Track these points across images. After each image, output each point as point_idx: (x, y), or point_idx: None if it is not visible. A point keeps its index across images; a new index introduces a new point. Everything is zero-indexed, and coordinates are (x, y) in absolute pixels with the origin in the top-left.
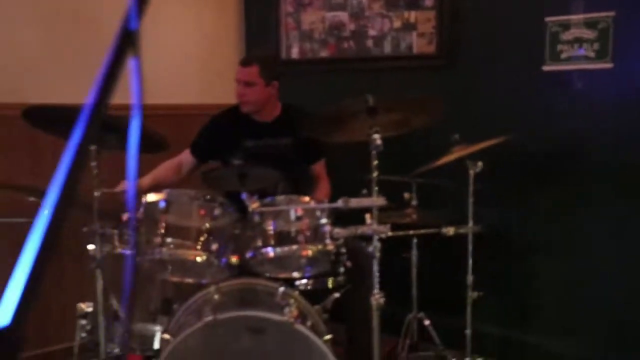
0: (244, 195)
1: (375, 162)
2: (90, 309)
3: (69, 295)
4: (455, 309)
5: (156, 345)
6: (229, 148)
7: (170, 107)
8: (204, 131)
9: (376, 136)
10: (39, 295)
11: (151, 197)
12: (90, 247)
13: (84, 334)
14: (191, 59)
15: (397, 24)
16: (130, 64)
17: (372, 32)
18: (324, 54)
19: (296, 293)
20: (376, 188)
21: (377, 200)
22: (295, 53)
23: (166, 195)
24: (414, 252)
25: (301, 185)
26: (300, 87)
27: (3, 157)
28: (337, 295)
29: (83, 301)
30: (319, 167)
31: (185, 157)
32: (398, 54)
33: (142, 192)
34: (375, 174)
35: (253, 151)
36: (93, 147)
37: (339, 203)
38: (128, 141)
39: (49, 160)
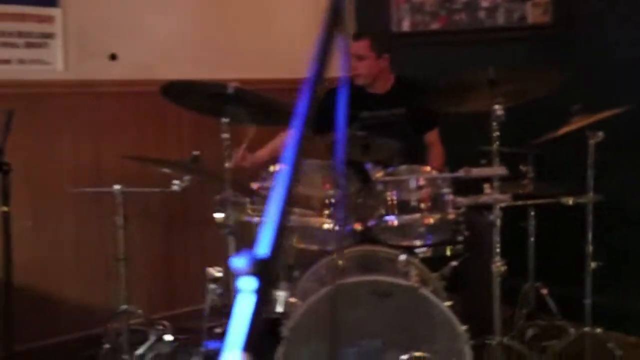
0: (368, 166)
1: (496, 133)
2: (219, 274)
3: (196, 260)
4: (573, 279)
5: (279, 308)
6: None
7: (281, 82)
8: (318, 104)
9: (497, 107)
10: (285, 234)
11: (279, 167)
12: (217, 215)
13: (214, 297)
14: (301, 36)
15: None
16: (337, 41)
17: (484, 3)
18: (435, 26)
19: (416, 260)
20: (497, 158)
21: (498, 170)
22: (406, 26)
23: None
24: (532, 222)
25: (415, 154)
26: (411, 60)
27: (134, 131)
28: (455, 263)
29: (210, 266)
30: (433, 136)
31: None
32: (511, 25)
33: (262, 162)
34: (495, 144)
35: (368, 122)
36: (225, 120)
37: (461, 172)
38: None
39: (173, 134)
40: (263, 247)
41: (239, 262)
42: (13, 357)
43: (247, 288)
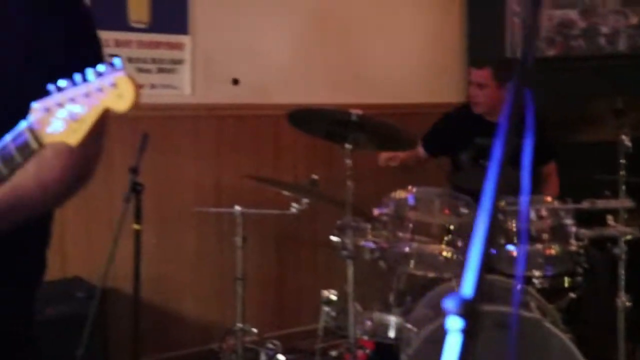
0: None
1: (623, 162)
2: (334, 297)
3: (308, 282)
4: None
5: (392, 333)
6: (459, 144)
7: (397, 106)
8: (435, 127)
9: (625, 137)
10: (485, 273)
11: (400, 194)
12: (334, 238)
13: (328, 319)
14: (416, 60)
15: (634, 20)
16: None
17: (604, 29)
18: (550, 52)
19: (534, 291)
20: (623, 188)
21: (624, 202)
22: (520, 52)
23: (414, 192)
24: None
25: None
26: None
27: (252, 153)
28: (573, 295)
29: (322, 288)
30: (550, 168)
31: (420, 150)
32: (635, 52)
33: (400, 163)
34: (622, 175)
35: (483, 149)
36: (349, 146)
37: (585, 204)
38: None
39: (288, 157)
40: (467, 288)
41: (449, 303)
42: None
43: (454, 328)
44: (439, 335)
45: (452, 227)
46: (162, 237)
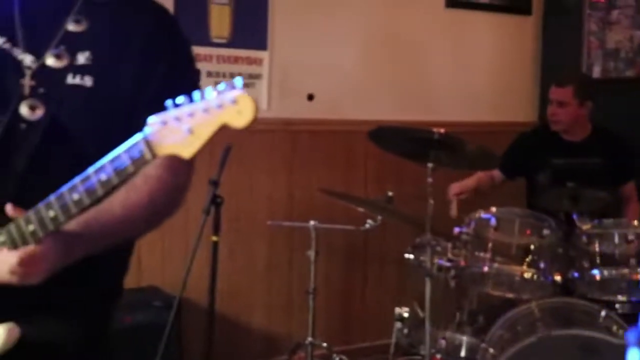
0: (576, 216)
1: None
2: (407, 314)
3: (376, 297)
4: None
5: (463, 353)
6: (536, 165)
7: (467, 125)
8: (513, 147)
9: None
10: None
11: (482, 215)
12: (408, 256)
13: (400, 336)
14: (487, 79)
15: None
16: None
17: None
18: (630, 73)
19: (616, 316)
20: None
21: None
22: (597, 72)
23: (496, 212)
24: None
25: (610, 206)
26: (601, 107)
27: (324, 168)
28: None
29: (393, 304)
30: (629, 189)
31: (495, 172)
32: None
33: (467, 192)
34: None
35: (561, 169)
36: (430, 165)
37: None
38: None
39: (360, 173)
40: None
41: (630, 335)
42: None
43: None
44: (520, 357)
45: (533, 247)
46: (234, 249)
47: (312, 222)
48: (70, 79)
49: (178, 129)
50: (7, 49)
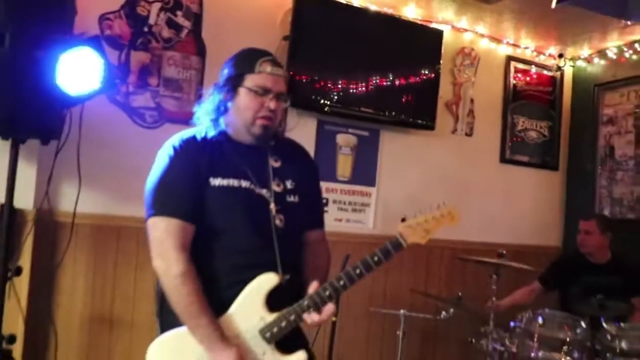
0: (603, 319)
1: None
2: None
3: None
4: None
5: None
6: (571, 281)
7: (514, 246)
8: (552, 266)
9: None
10: None
11: (531, 314)
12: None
13: None
14: (529, 215)
15: None
16: None
17: None
18: (631, 216)
19: None
20: None
21: None
22: (606, 213)
23: (542, 313)
24: None
25: (622, 314)
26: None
27: (411, 270)
28: None
29: None
30: (638, 302)
31: (536, 285)
32: None
33: (502, 309)
34: None
35: (589, 284)
36: (494, 276)
37: None
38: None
39: (436, 276)
40: None
41: None
42: None
43: None
44: None
45: (568, 340)
46: (343, 326)
47: (402, 311)
48: (288, 198)
49: (420, 227)
50: (252, 188)
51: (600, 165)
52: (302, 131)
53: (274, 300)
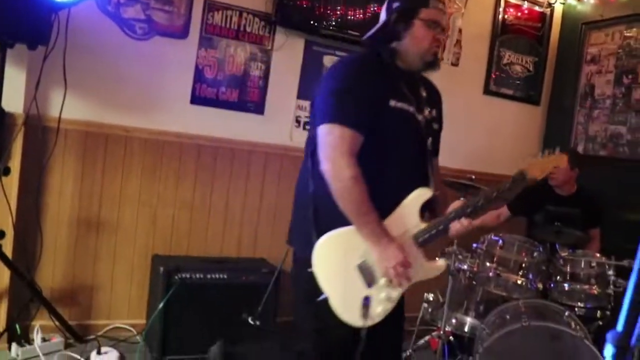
0: (558, 246)
1: None
2: (431, 298)
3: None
4: None
5: (467, 329)
6: (536, 209)
7: (494, 175)
8: (521, 194)
9: None
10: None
11: (493, 236)
12: (440, 260)
13: (425, 313)
14: (510, 145)
15: None
16: None
17: None
18: (603, 153)
19: (575, 316)
20: None
21: None
22: (580, 149)
23: (503, 236)
24: None
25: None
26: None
27: None
28: (600, 323)
29: (424, 291)
30: (595, 233)
31: (503, 210)
32: None
33: (472, 228)
34: None
35: (552, 214)
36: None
37: (625, 262)
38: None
39: None
40: (621, 323)
41: (608, 335)
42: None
43: (609, 354)
44: (507, 338)
45: (525, 263)
46: None
47: None
48: (433, 125)
49: (540, 162)
50: (414, 113)
51: (580, 103)
52: (290, 50)
53: (425, 211)
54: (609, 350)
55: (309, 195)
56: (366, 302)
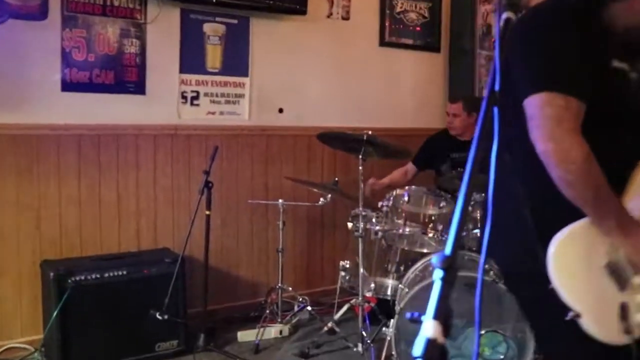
0: None
1: None
2: (347, 265)
3: (330, 254)
4: None
5: (389, 292)
6: (440, 159)
7: (396, 130)
8: (422, 148)
9: None
10: (461, 238)
11: (398, 192)
12: (349, 224)
13: (343, 281)
14: (410, 96)
15: None
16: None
17: None
18: None
19: (491, 262)
20: None
21: None
22: (485, 93)
23: (409, 190)
24: None
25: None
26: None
27: (292, 162)
28: None
29: (341, 259)
30: None
31: (409, 167)
32: None
33: (379, 188)
34: None
35: (456, 161)
36: (361, 157)
37: None
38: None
39: (317, 164)
40: (448, 247)
41: (434, 259)
42: (207, 313)
43: (437, 277)
44: (423, 293)
45: (433, 214)
46: (225, 219)
47: (280, 201)
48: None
49: None
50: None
51: (480, 45)
52: (165, 22)
53: None
54: (437, 273)
55: (518, 195)
56: (624, 310)
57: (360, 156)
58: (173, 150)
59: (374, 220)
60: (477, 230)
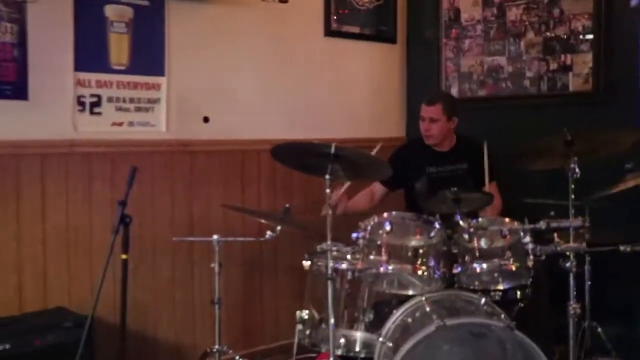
0: (459, 216)
1: (572, 187)
2: (305, 316)
3: (273, 301)
4: (627, 319)
5: (357, 348)
6: (414, 175)
7: (348, 141)
8: (391, 162)
9: (574, 165)
10: None
11: (376, 220)
12: (305, 263)
13: (301, 336)
14: (362, 102)
15: (554, 66)
16: None
17: (528, 74)
18: (482, 93)
19: (493, 303)
20: (572, 210)
21: (575, 221)
22: (454, 92)
23: (390, 217)
24: (587, 267)
25: (481, 206)
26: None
27: (221, 185)
28: (521, 305)
29: (294, 307)
30: (492, 188)
31: (376, 187)
32: (554, 92)
33: (340, 212)
34: (572, 198)
35: (434, 176)
36: (328, 177)
37: (542, 224)
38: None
39: (253, 187)
40: None
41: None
42: None
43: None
44: (419, 351)
45: (423, 247)
46: (138, 266)
47: (215, 237)
48: None
49: None
50: None
51: (445, 33)
52: (53, 1)
53: None
54: None
55: None
56: None
57: (327, 175)
58: (68, 174)
59: (348, 257)
60: (476, 264)
